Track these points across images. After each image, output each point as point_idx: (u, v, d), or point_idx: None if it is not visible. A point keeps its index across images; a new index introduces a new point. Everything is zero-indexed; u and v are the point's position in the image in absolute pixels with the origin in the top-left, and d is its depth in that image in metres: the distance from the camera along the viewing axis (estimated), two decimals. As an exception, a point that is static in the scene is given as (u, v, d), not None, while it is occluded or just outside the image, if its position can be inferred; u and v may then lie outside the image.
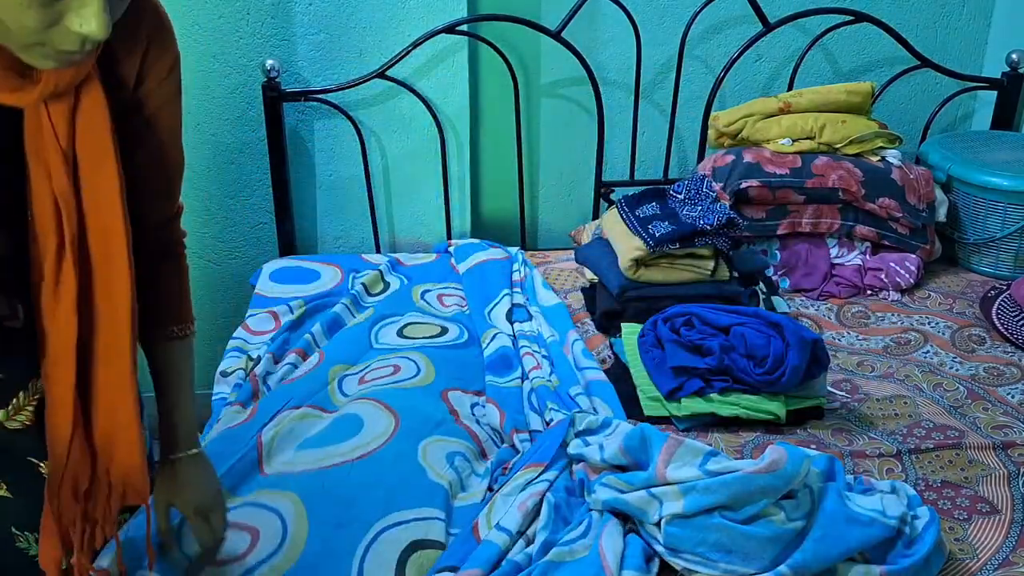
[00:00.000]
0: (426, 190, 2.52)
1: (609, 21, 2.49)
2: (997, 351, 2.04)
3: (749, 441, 1.72)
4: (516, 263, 2.30)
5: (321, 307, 2.15)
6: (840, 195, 2.28)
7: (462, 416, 1.73)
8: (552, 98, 2.58)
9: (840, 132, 2.34)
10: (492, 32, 2.42)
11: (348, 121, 2.40)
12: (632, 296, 2.03)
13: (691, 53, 2.54)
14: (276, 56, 2.33)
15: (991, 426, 1.77)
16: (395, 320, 2.05)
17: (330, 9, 2.32)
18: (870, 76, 2.65)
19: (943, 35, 2.66)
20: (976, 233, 2.39)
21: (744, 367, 1.74)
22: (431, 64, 2.40)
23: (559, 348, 1.96)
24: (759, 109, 2.39)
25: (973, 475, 1.63)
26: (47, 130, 0.99)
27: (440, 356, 1.91)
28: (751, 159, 2.31)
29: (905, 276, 2.28)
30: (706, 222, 1.99)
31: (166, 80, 1.12)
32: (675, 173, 2.67)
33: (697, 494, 1.35)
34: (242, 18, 2.30)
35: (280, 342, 1.99)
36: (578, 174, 2.66)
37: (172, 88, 1.14)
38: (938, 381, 1.93)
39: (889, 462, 1.67)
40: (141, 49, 1.08)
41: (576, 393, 1.79)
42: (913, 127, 2.69)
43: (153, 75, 1.10)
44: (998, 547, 1.47)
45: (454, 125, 2.47)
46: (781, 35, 2.54)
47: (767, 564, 1.33)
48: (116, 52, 1.05)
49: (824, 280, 2.30)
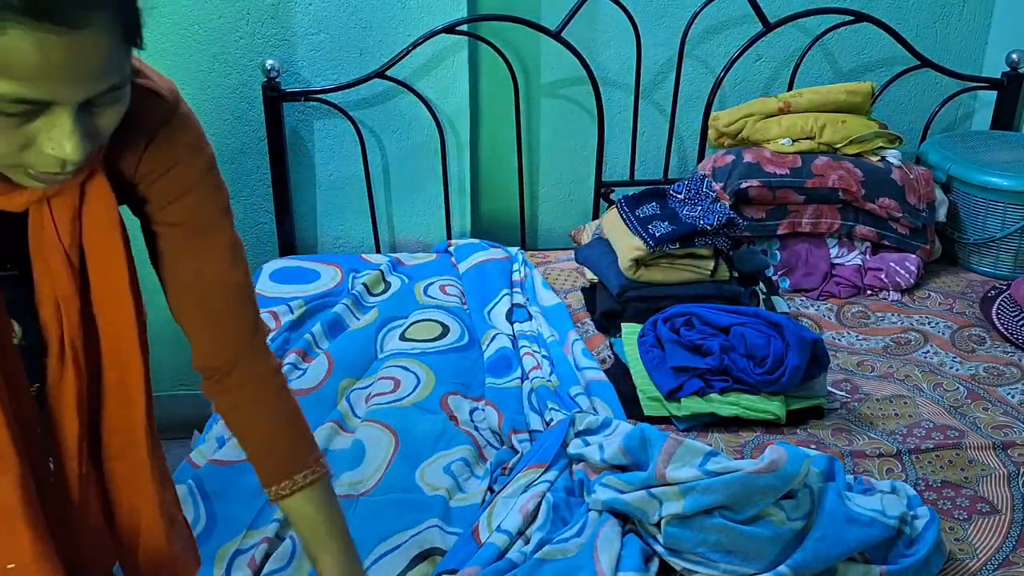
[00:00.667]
0: (426, 190, 2.52)
1: (609, 21, 2.49)
2: (997, 351, 2.04)
3: (749, 441, 1.72)
4: (516, 263, 2.30)
5: (321, 307, 2.15)
6: (840, 195, 2.28)
7: (461, 422, 1.75)
8: (552, 98, 2.58)
9: (840, 132, 2.34)
10: (492, 32, 2.42)
11: (348, 121, 2.40)
12: (632, 296, 2.03)
13: (691, 53, 2.54)
14: (276, 56, 2.33)
15: (991, 426, 1.77)
16: (400, 324, 2.06)
17: (330, 9, 2.32)
18: (870, 76, 2.65)
19: (943, 35, 2.66)
20: (976, 233, 2.39)
21: (744, 367, 1.74)
22: (431, 64, 2.40)
23: (559, 348, 1.96)
24: (759, 109, 2.39)
25: (973, 475, 1.63)
26: (49, 228, 0.94)
27: (440, 362, 1.92)
28: (751, 159, 2.31)
29: (905, 276, 2.28)
30: (706, 222, 1.99)
31: (164, 180, 1.00)
32: (675, 173, 2.66)
33: (697, 494, 1.35)
34: (242, 18, 2.30)
35: (280, 342, 2.00)
36: (578, 174, 2.66)
37: (178, 189, 1.01)
38: (938, 381, 1.93)
39: (889, 462, 1.67)
40: (140, 145, 0.98)
41: (576, 393, 1.79)
42: (913, 127, 2.69)
43: (148, 175, 1.00)
44: (998, 547, 1.47)
45: (454, 125, 2.47)
46: (781, 35, 2.53)
47: (767, 564, 1.34)
48: (118, 148, 0.97)
49: (824, 280, 2.30)
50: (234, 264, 1.09)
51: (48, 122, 0.80)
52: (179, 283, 1.07)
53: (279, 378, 1.14)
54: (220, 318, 1.09)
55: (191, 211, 1.04)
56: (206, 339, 1.10)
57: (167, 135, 0.99)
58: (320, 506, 1.14)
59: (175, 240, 1.05)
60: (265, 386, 1.12)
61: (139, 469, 1.06)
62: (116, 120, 0.86)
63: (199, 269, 1.06)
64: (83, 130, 0.81)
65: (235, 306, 1.10)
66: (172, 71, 2.29)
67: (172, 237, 1.05)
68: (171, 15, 2.27)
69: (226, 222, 1.09)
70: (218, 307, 1.09)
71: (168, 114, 0.99)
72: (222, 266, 1.08)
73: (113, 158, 0.98)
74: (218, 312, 1.09)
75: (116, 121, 0.86)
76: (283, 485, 1.12)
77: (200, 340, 1.10)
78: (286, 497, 1.12)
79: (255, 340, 1.12)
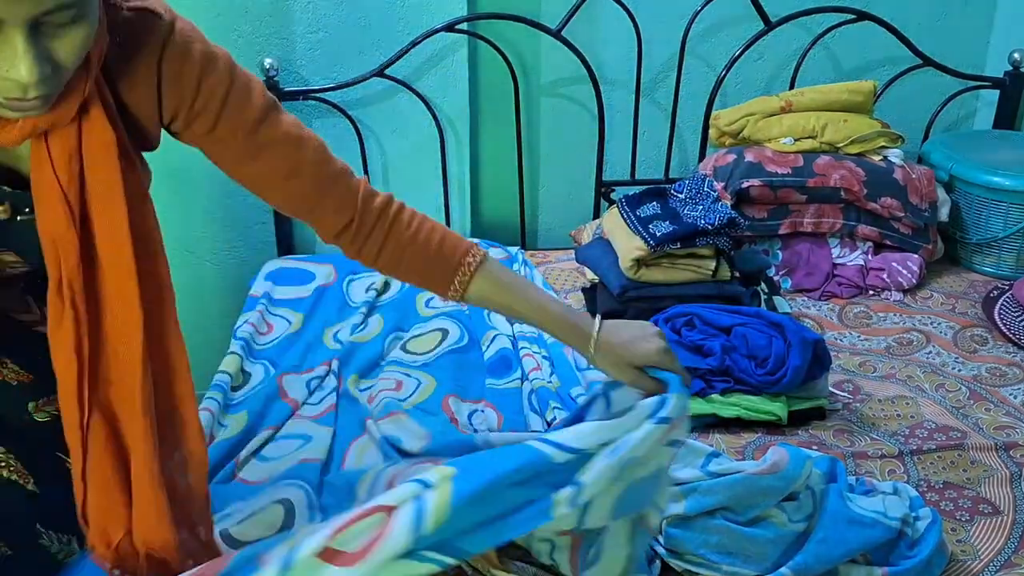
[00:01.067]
0: (426, 190, 2.52)
1: (609, 20, 2.48)
2: (999, 351, 2.03)
3: (751, 442, 1.71)
4: (516, 263, 2.29)
5: (322, 310, 2.14)
6: (842, 195, 2.27)
7: (460, 424, 1.74)
8: (552, 97, 2.57)
9: (842, 131, 2.33)
10: (492, 31, 2.41)
11: (347, 120, 2.39)
12: (633, 296, 2.02)
13: (692, 52, 2.53)
14: (275, 55, 2.33)
15: (993, 427, 1.77)
16: (400, 336, 2.05)
17: (329, 8, 2.31)
18: (872, 75, 2.64)
19: (945, 34, 2.65)
20: (978, 233, 2.38)
21: (745, 368, 1.74)
22: (431, 63, 2.39)
23: (559, 349, 1.96)
24: (760, 108, 2.38)
25: (975, 476, 1.62)
26: (46, 165, 0.95)
27: (440, 365, 1.92)
28: (752, 158, 2.30)
29: (907, 276, 2.27)
30: (707, 222, 1.98)
31: (198, 103, 1.03)
32: (676, 172, 2.66)
33: (699, 495, 1.35)
34: (241, 17, 2.29)
35: (283, 346, 2.00)
36: (578, 174, 2.65)
37: (216, 103, 1.04)
38: (940, 382, 1.92)
39: (891, 463, 1.66)
40: (151, 80, 1.00)
41: (577, 394, 1.79)
42: (915, 126, 2.69)
43: (180, 106, 1.02)
44: (1000, 548, 1.46)
45: (454, 124, 2.46)
46: (782, 34, 2.53)
47: (769, 566, 1.33)
48: (119, 85, 0.99)
49: (826, 280, 2.29)
50: (305, 131, 1.12)
51: (1, 45, 0.80)
52: (275, 178, 1.10)
53: (396, 202, 1.19)
54: (327, 185, 1.13)
55: (240, 114, 1.06)
56: (328, 208, 1.13)
57: (176, 55, 1.00)
58: (499, 276, 1.21)
59: (246, 145, 1.07)
60: (395, 217, 1.18)
61: (134, 426, 1.04)
62: (80, 46, 0.85)
63: (284, 154, 1.09)
64: (36, 51, 0.81)
65: (331, 165, 1.14)
66: (171, 70, 2.31)
67: (240, 144, 1.07)
68: (170, 14, 2.26)
69: (273, 102, 1.11)
70: (322, 176, 1.12)
71: (168, 31, 0.99)
72: (299, 140, 1.10)
73: (128, 98, 0.98)
74: (324, 180, 1.13)
75: (80, 47, 0.85)
76: (458, 283, 1.18)
77: (322, 214, 1.14)
78: (467, 290, 1.20)
79: (360, 184, 1.17)
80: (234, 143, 1.07)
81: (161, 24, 0.98)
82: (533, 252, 2.48)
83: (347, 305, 2.17)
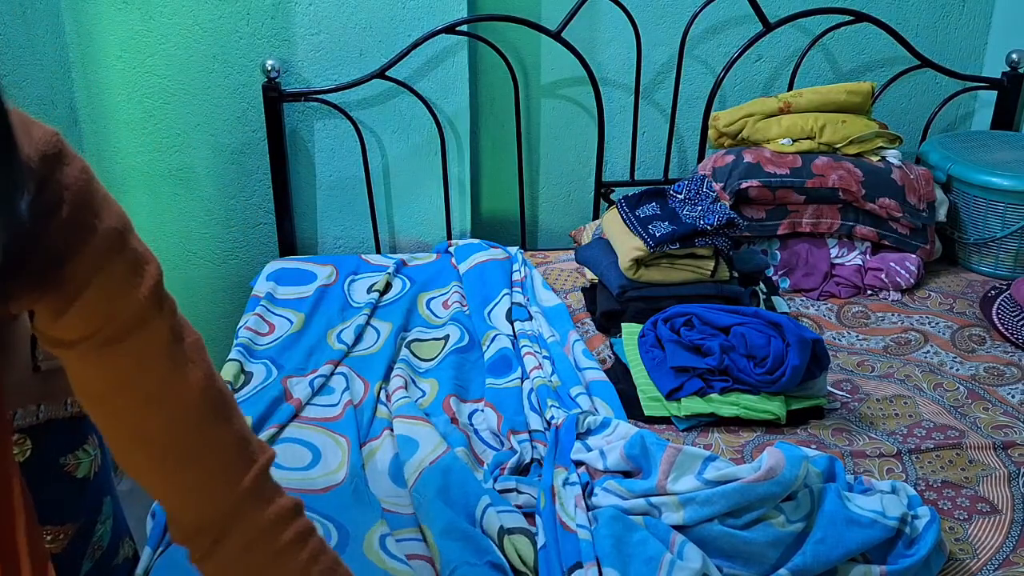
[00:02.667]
0: (426, 190, 2.52)
1: (609, 21, 2.49)
2: (997, 351, 2.04)
3: (749, 441, 1.72)
4: (516, 263, 2.30)
5: (324, 310, 2.15)
6: (840, 195, 2.28)
7: (460, 424, 1.75)
8: (552, 98, 2.58)
9: (840, 132, 2.34)
10: (492, 32, 2.42)
11: (348, 121, 2.40)
12: (632, 296, 2.03)
13: (691, 53, 2.54)
14: (276, 56, 2.33)
15: (991, 426, 1.77)
16: (404, 336, 2.06)
17: (330, 9, 2.32)
18: (870, 76, 2.65)
19: (943, 35, 2.66)
20: (976, 233, 2.39)
21: (744, 367, 1.74)
22: (431, 64, 2.40)
23: (560, 348, 1.96)
24: (759, 109, 2.39)
25: (973, 475, 1.63)
26: None
27: (441, 368, 1.93)
28: (751, 159, 2.31)
29: (905, 276, 2.28)
30: (706, 222, 1.99)
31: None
32: (675, 173, 2.67)
33: (697, 506, 1.36)
34: (242, 18, 2.30)
35: (285, 346, 2.01)
36: (578, 174, 2.66)
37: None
38: (938, 381, 1.93)
39: (889, 462, 1.67)
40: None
41: (577, 394, 1.79)
42: (913, 127, 2.69)
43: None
44: (998, 547, 1.47)
45: (454, 125, 2.47)
46: (781, 35, 2.54)
47: (768, 568, 1.34)
48: None
49: (824, 280, 2.30)
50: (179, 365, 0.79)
51: None
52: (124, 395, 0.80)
53: (296, 523, 0.83)
54: (203, 424, 0.82)
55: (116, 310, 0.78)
56: (177, 495, 0.80)
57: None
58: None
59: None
60: (275, 545, 0.81)
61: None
62: None
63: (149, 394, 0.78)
64: None
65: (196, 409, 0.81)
66: (172, 72, 2.32)
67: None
68: (171, 15, 2.27)
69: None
70: (184, 409, 0.80)
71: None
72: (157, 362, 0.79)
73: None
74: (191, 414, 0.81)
75: None
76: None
77: (171, 499, 0.80)
78: None
79: (251, 476, 0.81)
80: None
81: None
82: (533, 252, 2.49)
83: (349, 305, 2.17)
